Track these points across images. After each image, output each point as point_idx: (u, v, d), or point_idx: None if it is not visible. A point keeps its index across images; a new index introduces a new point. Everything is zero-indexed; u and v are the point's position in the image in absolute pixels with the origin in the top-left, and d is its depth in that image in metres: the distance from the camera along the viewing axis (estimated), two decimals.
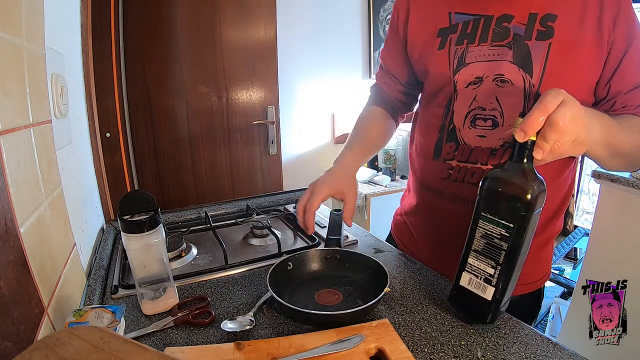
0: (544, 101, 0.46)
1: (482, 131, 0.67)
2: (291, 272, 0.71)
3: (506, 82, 0.64)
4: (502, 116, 0.65)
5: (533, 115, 0.46)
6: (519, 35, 0.63)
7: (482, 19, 0.66)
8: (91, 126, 1.07)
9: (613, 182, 1.41)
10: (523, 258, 0.54)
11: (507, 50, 0.64)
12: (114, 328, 0.53)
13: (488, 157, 0.67)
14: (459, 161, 0.71)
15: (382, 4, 2.73)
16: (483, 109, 0.67)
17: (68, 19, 0.94)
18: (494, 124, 0.66)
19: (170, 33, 1.83)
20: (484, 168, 0.68)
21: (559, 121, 0.45)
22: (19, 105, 0.50)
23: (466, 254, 0.57)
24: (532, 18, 0.62)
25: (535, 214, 0.50)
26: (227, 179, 2.08)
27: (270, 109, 2.09)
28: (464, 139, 0.70)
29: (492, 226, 0.53)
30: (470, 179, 0.70)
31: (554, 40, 0.60)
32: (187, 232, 0.97)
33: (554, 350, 0.52)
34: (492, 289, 0.54)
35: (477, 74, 0.67)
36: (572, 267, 2.40)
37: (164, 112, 1.89)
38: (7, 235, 0.43)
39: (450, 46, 0.69)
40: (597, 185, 1.51)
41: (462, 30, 0.68)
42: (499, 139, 0.66)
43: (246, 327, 0.57)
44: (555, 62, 0.61)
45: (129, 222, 0.59)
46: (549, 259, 0.81)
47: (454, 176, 0.72)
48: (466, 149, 0.70)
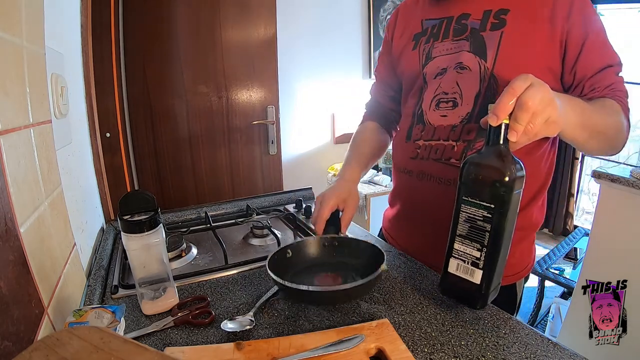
0: (513, 85, 0.48)
1: (444, 111, 0.76)
2: (290, 260, 0.73)
3: (465, 69, 0.73)
4: (461, 97, 0.74)
5: (504, 99, 0.49)
6: (475, 29, 0.72)
7: (445, 20, 0.77)
8: (91, 126, 1.07)
9: (613, 182, 1.41)
10: (508, 240, 0.56)
11: (465, 42, 0.73)
12: (114, 328, 0.53)
13: (449, 133, 0.75)
14: (425, 140, 0.79)
15: (382, 4, 2.73)
16: (446, 94, 0.76)
17: (68, 19, 0.94)
18: (454, 104, 0.75)
19: (170, 33, 1.83)
20: (445, 144, 0.76)
21: (528, 102, 0.47)
22: (19, 105, 0.50)
23: (452, 240, 0.59)
24: (486, 14, 0.71)
25: (515, 194, 0.52)
26: (227, 179, 2.08)
27: (270, 109, 2.09)
28: (429, 120, 0.78)
29: (474, 209, 0.54)
30: (434, 155, 0.77)
31: (505, 30, 0.69)
32: (187, 232, 0.97)
33: (554, 350, 0.52)
34: (480, 272, 0.56)
35: (442, 66, 0.76)
36: (572, 267, 2.40)
37: (164, 112, 1.89)
38: (7, 235, 0.43)
39: (420, 46, 0.80)
40: (597, 185, 1.51)
41: (430, 32, 0.79)
42: (457, 117, 0.74)
43: (246, 327, 0.57)
44: (507, 48, 0.68)
45: (129, 222, 0.59)
46: (528, 254, 0.82)
47: (421, 154, 0.80)
48: (430, 128, 0.78)
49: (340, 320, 0.60)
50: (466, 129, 0.73)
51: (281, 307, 0.64)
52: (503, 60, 0.69)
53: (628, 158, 2.92)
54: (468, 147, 0.73)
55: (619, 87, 0.69)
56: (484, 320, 0.59)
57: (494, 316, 0.60)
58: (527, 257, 0.82)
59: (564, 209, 3.24)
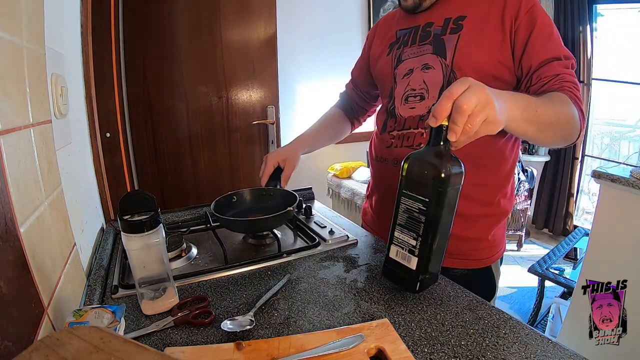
0: (450, 89, 0.52)
1: (413, 104, 0.86)
2: (234, 204, 0.98)
3: (430, 68, 0.83)
4: (427, 92, 0.84)
5: (441, 103, 0.52)
6: (437, 34, 0.83)
7: (413, 29, 0.88)
8: (91, 126, 1.07)
9: (613, 182, 1.41)
10: (444, 232, 0.60)
11: (429, 46, 0.84)
12: (114, 328, 0.53)
13: (417, 122, 0.85)
14: (398, 130, 0.89)
15: (382, 4, 2.73)
16: (414, 90, 0.86)
17: (68, 19, 0.94)
18: (422, 98, 0.85)
19: (170, 33, 1.83)
20: (415, 132, 0.85)
21: (463, 105, 0.51)
22: (19, 105, 0.50)
23: (393, 228, 0.64)
24: (447, 21, 0.82)
25: (450, 190, 0.56)
26: (227, 179, 2.08)
27: (270, 109, 2.09)
28: (400, 113, 0.88)
29: (412, 202, 0.59)
30: (406, 142, 0.87)
31: (462, 33, 0.79)
32: (187, 232, 0.97)
33: (554, 350, 0.52)
34: (416, 259, 0.60)
35: (409, 67, 0.87)
36: (572, 267, 2.40)
37: (164, 112, 1.89)
38: (7, 235, 0.43)
39: (393, 51, 0.91)
40: (597, 185, 1.51)
41: (401, 40, 0.91)
42: (424, 108, 0.84)
43: (246, 327, 0.57)
44: (463, 47, 0.79)
45: (129, 222, 0.59)
46: (500, 239, 0.91)
47: (395, 143, 0.89)
48: (402, 120, 0.88)
49: (340, 320, 0.60)
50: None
51: (281, 307, 0.64)
52: (460, 57, 0.79)
53: (628, 158, 2.92)
54: None
55: (567, 78, 0.73)
56: (484, 320, 0.59)
57: (494, 316, 0.60)
58: (500, 241, 0.91)
59: (564, 209, 3.25)
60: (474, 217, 0.85)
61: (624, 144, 3.31)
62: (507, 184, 0.87)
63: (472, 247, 0.87)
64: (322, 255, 0.84)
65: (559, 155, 3.19)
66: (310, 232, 0.95)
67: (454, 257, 0.85)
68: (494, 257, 0.89)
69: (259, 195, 1.02)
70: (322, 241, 0.89)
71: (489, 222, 0.87)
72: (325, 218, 1.04)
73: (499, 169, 0.85)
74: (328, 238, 0.90)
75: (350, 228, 0.99)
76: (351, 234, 0.93)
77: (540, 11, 0.76)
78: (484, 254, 0.88)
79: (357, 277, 0.74)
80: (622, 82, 2.96)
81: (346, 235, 0.92)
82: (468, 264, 0.87)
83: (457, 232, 0.81)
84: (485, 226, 0.87)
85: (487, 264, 0.89)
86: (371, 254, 0.84)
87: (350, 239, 0.90)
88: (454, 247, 0.82)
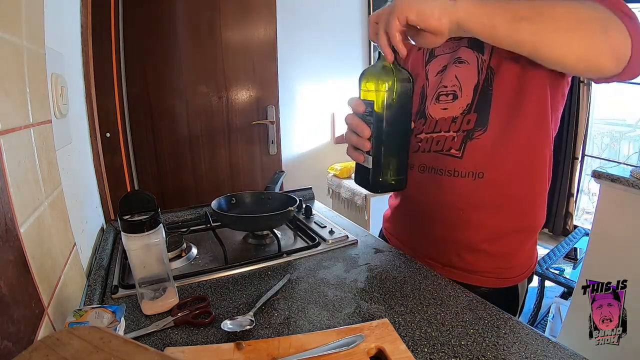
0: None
1: (445, 104, 0.77)
2: (234, 204, 1.00)
3: (463, 62, 0.75)
4: (460, 90, 0.75)
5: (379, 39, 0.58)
6: None
7: None
8: (91, 126, 1.07)
9: (613, 182, 1.41)
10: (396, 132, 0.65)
11: (464, 39, 0.75)
12: (114, 328, 0.53)
13: (449, 124, 0.76)
14: (426, 133, 0.80)
15: (382, 5, 2.73)
16: (445, 87, 0.77)
17: (68, 19, 0.94)
18: (454, 97, 0.75)
19: (170, 33, 1.83)
20: (446, 135, 0.76)
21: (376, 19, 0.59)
22: (19, 105, 0.50)
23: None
24: None
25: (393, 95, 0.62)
26: (227, 179, 2.08)
27: (270, 109, 2.09)
28: (430, 114, 0.79)
29: (364, 107, 0.66)
30: (435, 147, 0.78)
31: None
32: (187, 232, 0.97)
33: (554, 350, 0.52)
34: (370, 157, 0.67)
35: (443, 63, 0.79)
36: (572, 267, 2.40)
37: (164, 112, 1.89)
38: (7, 235, 0.43)
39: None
40: (597, 185, 1.51)
41: None
42: (458, 108, 0.75)
43: (246, 327, 0.57)
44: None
45: (129, 222, 0.59)
46: (529, 257, 0.81)
47: (423, 147, 0.80)
48: (432, 121, 0.79)
49: (340, 320, 0.60)
50: (466, 119, 0.74)
51: (281, 307, 0.64)
52: (500, 51, 0.68)
53: (628, 158, 2.92)
54: (467, 137, 0.73)
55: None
56: (484, 320, 0.59)
57: (494, 316, 0.60)
58: (530, 257, 0.81)
59: (564, 209, 3.24)
60: (505, 232, 0.76)
61: (624, 144, 3.31)
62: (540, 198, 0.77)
63: (500, 265, 0.77)
64: (322, 255, 0.84)
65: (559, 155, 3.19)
66: (310, 232, 0.95)
67: (478, 274, 0.77)
68: (522, 275, 0.80)
69: (258, 198, 1.02)
70: (322, 241, 0.89)
71: (522, 237, 0.78)
72: (325, 218, 1.04)
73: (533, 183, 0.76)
74: (328, 238, 0.90)
75: (350, 228, 0.99)
76: (351, 234, 0.93)
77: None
78: (513, 272, 0.78)
79: (357, 277, 0.74)
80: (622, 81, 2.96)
81: (346, 235, 0.92)
82: (494, 282, 0.77)
83: (485, 247, 0.76)
84: (518, 241, 0.78)
85: (515, 283, 0.79)
86: (371, 254, 0.84)
87: (350, 239, 0.90)
88: (480, 264, 0.77)
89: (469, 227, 0.75)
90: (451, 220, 0.77)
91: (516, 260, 0.79)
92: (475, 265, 0.77)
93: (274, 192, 1.02)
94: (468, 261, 0.77)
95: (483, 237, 0.76)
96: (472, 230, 0.75)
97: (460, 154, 0.74)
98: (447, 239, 0.79)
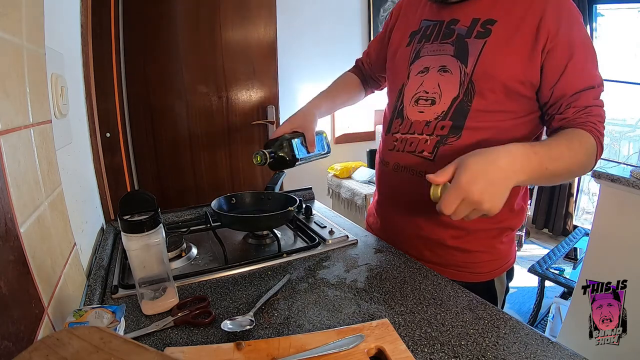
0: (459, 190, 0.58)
1: (422, 108, 0.81)
2: (234, 204, 0.99)
3: (447, 72, 0.77)
4: (440, 97, 0.78)
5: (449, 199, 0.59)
6: (461, 34, 0.76)
7: (438, 23, 0.81)
8: (91, 126, 1.07)
9: (613, 182, 1.41)
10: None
11: (450, 46, 0.77)
12: (114, 328, 0.53)
13: (423, 128, 0.80)
14: (402, 133, 0.84)
15: (382, 4, 2.73)
16: (427, 92, 0.80)
17: (68, 19, 0.94)
18: (433, 102, 0.79)
19: (170, 33, 1.83)
20: (419, 138, 0.80)
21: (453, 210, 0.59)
22: (19, 105, 0.50)
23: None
24: (474, 21, 0.75)
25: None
26: (227, 179, 2.08)
27: (270, 109, 2.08)
28: (407, 115, 0.83)
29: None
30: (408, 148, 0.82)
31: (489, 40, 0.72)
32: (187, 232, 0.97)
33: (554, 350, 0.52)
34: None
35: (426, 65, 0.81)
36: (572, 267, 2.40)
37: (164, 112, 1.89)
38: (7, 235, 0.43)
39: (413, 44, 0.85)
40: (597, 185, 1.51)
41: (423, 32, 0.84)
42: (433, 113, 0.79)
43: (246, 327, 0.57)
44: (487, 57, 0.72)
45: (129, 222, 0.59)
46: (503, 254, 0.85)
47: (398, 147, 0.85)
48: (408, 122, 0.83)
49: (340, 320, 0.60)
50: (439, 125, 0.78)
51: (281, 307, 0.64)
52: (482, 68, 0.72)
53: (628, 158, 2.92)
54: (440, 142, 0.77)
55: (594, 111, 0.70)
56: (484, 320, 0.59)
57: (494, 316, 0.60)
58: (505, 255, 0.86)
59: (564, 209, 3.24)
60: (472, 230, 0.81)
61: (624, 144, 3.31)
62: (513, 196, 0.81)
63: (471, 259, 0.83)
64: (322, 255, 0.84)
65: None
66: (310, 232, 0.95)
67: (453, 268, 0.83)
68: (496, 272, 0.85)
69: (258, 198, 1.02)
70: (322, 241, 0.89)
71: (489, 234, 0.83)
72: (325, 218, 1.04)
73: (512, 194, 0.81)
74: (328, 238, 0.90)
75: (350, 228, 0.99)
76: (351, 234, 0.93)
77: (582, 30, 0.70)
78: (485, 267, 0.84)
79: (357, 277, 0.74)
80: (622, 82, 2.96)
81: (346, 235, 0.92)
82: (468, 277, 0.83)
83: (455, 244, 0.82)
84: (485, 238, 0.83)
85: (488, 278, 0.84)
86: (371, 254, 0.84)
87: (350, 239, 0.90)
88: (452, 258, 0.83)
89: (438, 225, 0.81)
90: (422, 218, 0.83)
91: (487, 256, 0.84)
92: (447, 259, 0.84)
93: (274, 192, 1.00)
94: (440, 255, 0.84)
95: (451, 234, 0.82)
96: (442, 229, 0.82)
97: (433, 156, 0.78)
98: (419, 235, 0.85)
